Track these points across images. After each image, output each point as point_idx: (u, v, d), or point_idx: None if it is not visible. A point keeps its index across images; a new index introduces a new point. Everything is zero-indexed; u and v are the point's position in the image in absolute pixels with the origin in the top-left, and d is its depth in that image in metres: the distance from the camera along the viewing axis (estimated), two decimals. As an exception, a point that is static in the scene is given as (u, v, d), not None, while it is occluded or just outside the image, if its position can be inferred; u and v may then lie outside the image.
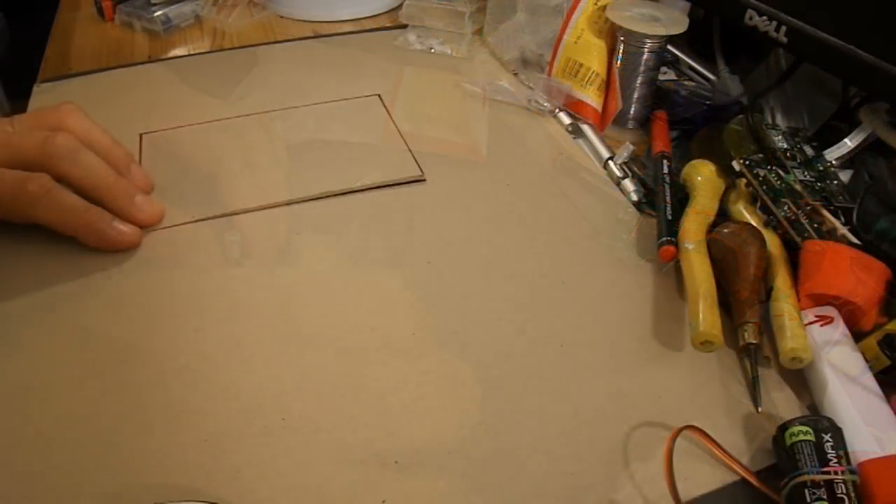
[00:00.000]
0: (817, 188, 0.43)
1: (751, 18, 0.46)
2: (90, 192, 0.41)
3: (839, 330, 0.35)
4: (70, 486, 0.30)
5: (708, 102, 0.53)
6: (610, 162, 0.49)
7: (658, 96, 0.54)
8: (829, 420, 0.30)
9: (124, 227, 0.41)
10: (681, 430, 0.30)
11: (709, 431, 0.31)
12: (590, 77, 0.53)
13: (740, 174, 0.44)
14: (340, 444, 0.32)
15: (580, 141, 0.53)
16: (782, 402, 0.34)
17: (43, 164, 0.40)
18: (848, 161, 0.47)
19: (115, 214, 0.41)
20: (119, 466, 0.31)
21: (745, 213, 0.42)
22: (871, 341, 0.34)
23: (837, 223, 0.40)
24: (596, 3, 0.53)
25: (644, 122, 0.54)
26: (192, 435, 0.32)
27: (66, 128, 0.42)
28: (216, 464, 0.31)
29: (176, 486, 0.30)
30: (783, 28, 0.44)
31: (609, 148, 0.51)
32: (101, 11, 0.70)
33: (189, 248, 0.42)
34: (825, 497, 0.27)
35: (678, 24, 0.49)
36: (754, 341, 0.35)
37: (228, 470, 0.31)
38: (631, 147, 0.50)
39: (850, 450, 0.29)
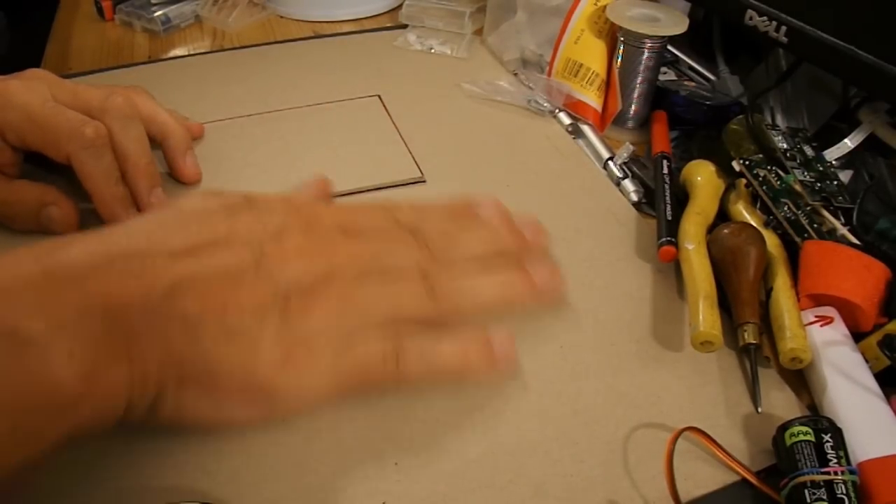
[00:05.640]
0: (817, 188, 0.43)
1: (751, 18, 0.46)
2: (121, 161, 0.41)
3: (839, 330, 0.35)
4: (70, 486, 0.30)
5: (708, 102, 0.52)
6: (610, 162, 0.49)
7: (658, 96, 0.54)
8: (829, 420, 0.30)
9: None
10: (681, 431, 0.30)
11: (709, 432, 0.31)
12: (590, 77, 0.53)
13: (740, 174, 0.44)
14: (340, 445, 0.32)
15: (580, 141, 0.53)
16: (782, 403, 0.34)
17: (99, 118, 0.41)
18: (848, 161, 0.47)
19: (130, 192, 0.42)
20: (119, 468, 0.31)
21: (745, 214, 0.42)
22: (871, 341, 0.34)
23: (837, 223, 0.40)
24: (596, 3, 0.53)
25: (644, 122, 0.54)
26: (192, 435, 0.32)
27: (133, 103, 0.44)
28: (216, 464, 0.31)
29: (176, 487, 0.30)
30: (783, 28, 0.44)
31: (609, 148, 0.51)
32: (100, 11, 0.70)
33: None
34: (825, 497, 0.27)
35: (678, 24, 0.49)
36: (754, 341, 0.35)
37: (228, 470, 0.31)
38: (631, 147, 0.50)
39: (849, 450, 0.29)
